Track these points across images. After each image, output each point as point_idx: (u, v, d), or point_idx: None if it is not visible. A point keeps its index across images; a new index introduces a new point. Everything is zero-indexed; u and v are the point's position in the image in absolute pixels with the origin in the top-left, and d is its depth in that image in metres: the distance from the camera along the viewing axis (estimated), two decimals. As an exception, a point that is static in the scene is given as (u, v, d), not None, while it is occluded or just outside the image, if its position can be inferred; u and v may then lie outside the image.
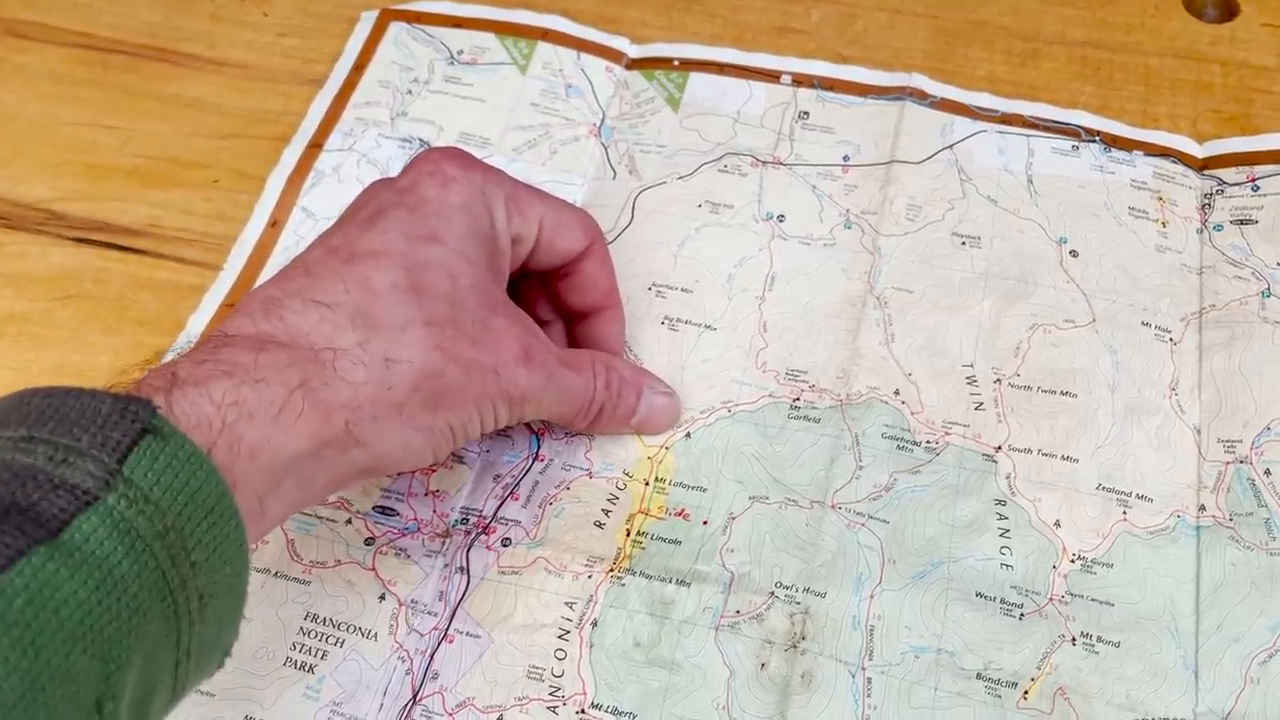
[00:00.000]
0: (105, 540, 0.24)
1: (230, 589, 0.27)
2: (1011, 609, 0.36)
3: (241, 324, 0.31)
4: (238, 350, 0.29)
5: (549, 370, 0.35)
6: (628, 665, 0.36)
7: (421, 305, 0.33)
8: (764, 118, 0.49)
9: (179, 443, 0.26)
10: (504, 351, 0.34)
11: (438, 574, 0.38)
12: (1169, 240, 0.44)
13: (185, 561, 0.25)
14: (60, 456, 0.24)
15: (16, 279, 0.46)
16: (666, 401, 0.40)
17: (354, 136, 0.49)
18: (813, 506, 0.39)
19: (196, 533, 0.26)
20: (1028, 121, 0.48)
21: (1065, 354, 0.41)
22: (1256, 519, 0.37)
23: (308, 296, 0.32)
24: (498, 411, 0.34)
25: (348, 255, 0.33)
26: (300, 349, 0.30)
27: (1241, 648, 0.35)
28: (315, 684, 0.36)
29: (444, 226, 0.34)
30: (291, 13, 0.55)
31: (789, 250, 0.45)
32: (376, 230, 0.34)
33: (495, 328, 0.34)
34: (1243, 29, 0.51)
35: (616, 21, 0.53)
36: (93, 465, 0.24)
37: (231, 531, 0.27)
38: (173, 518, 0.25)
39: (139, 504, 0.24)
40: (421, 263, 0.33)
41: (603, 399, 0.38)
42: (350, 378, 0.31)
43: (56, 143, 0.51)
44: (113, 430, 0.25)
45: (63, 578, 0.23)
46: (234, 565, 0.27)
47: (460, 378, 0.33)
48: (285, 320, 0.31)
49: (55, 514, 0.23)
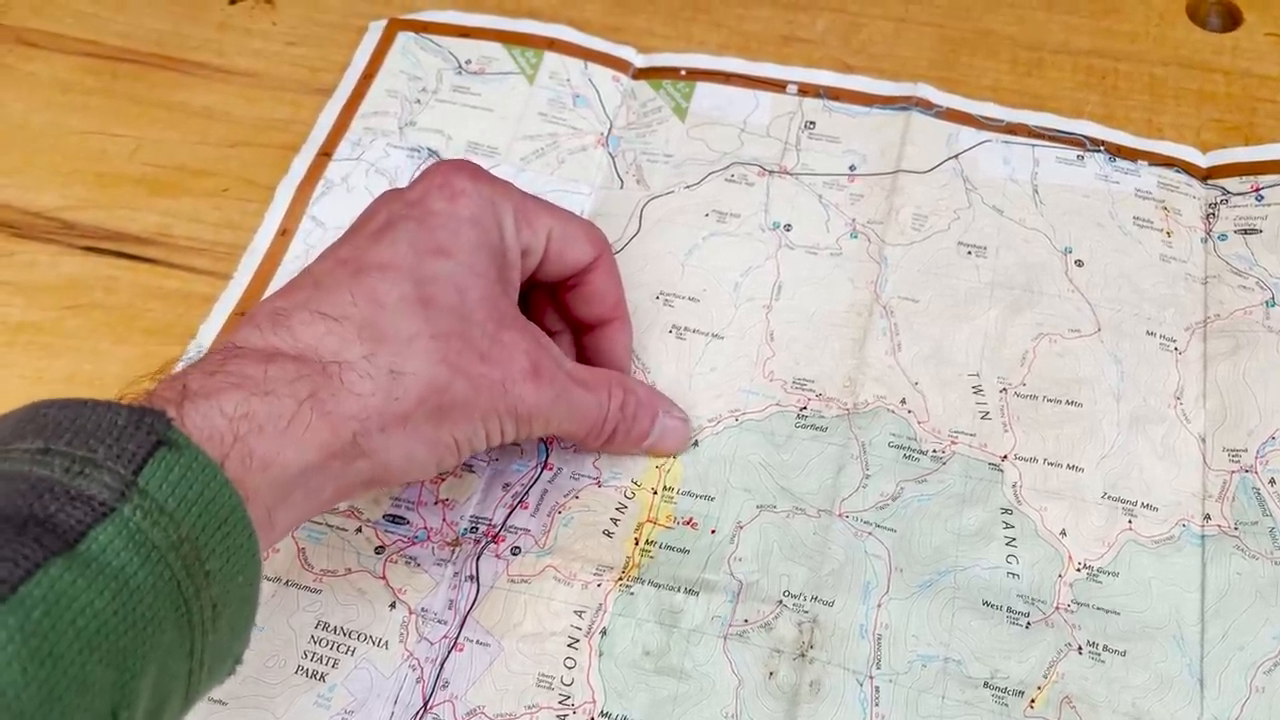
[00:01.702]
0: (121, 551, 0.24)
1: (242, 598, 0.28)
2: (1018, 617, 0.37)
3: (250, 336, 0.31)
4: (247, 362, 0.30)
5: (559, 387, 0.35)
6: (637, 674, 0.36)
7: (429, 318, 0.33)
8: (770, 127, 0.49)
9: (193, 455, 0.26)
10: (512, 366, 0.34)
11: (448, 582, 0.38)
12: (1174, 250, 0.44)
13: (199, 572, 0.26)
14: (76, 469, 0.24)
15: (27, 288, 0.47)
16: (679, 425, 0.40)
17: (363, 146, 0.49)
18: (820, 515, 0.39)
19: (210, 543, 0.26)
20: (1033, 131, 0.48)
21: (1070, 363, 0.42)
22: (1261, 528, 0.38)
23: (315, 309, 0.32)
24: (504, 426, 0.34)
25: (356, 268, 0.33)
26: (308, 361, 0.30)
27: (1247, 656, 0.35)
28: (326, 692, 0.36)
29: (453, 239, 0.34)
30: (300, 22, 0.55)
31: (796, 259, 0.45)
32: (385, 243, 0.34)
33: (504, 342, 0.34)
34: (1246, 38, 0.52)
35: (623, 31, 0.53)
36: (108, 477, 0.24)
37: (244, 542, 0.27)
38: (187, 529, 0.25)
39: (154, 515, 0.25)
40: (429, 276, 0.33)
41: (616, 420, 0.38)
42: (357, 390, 0.31)
43: (66, 151, 0.51)
44: (128, 442, 0.25)
45: (79, 588, 0.23)
46: (246, 575, 0.27)
47: (467, 391, 0.33)
48: (293, 332, 0.31)
49: (72, 525, 0.24)
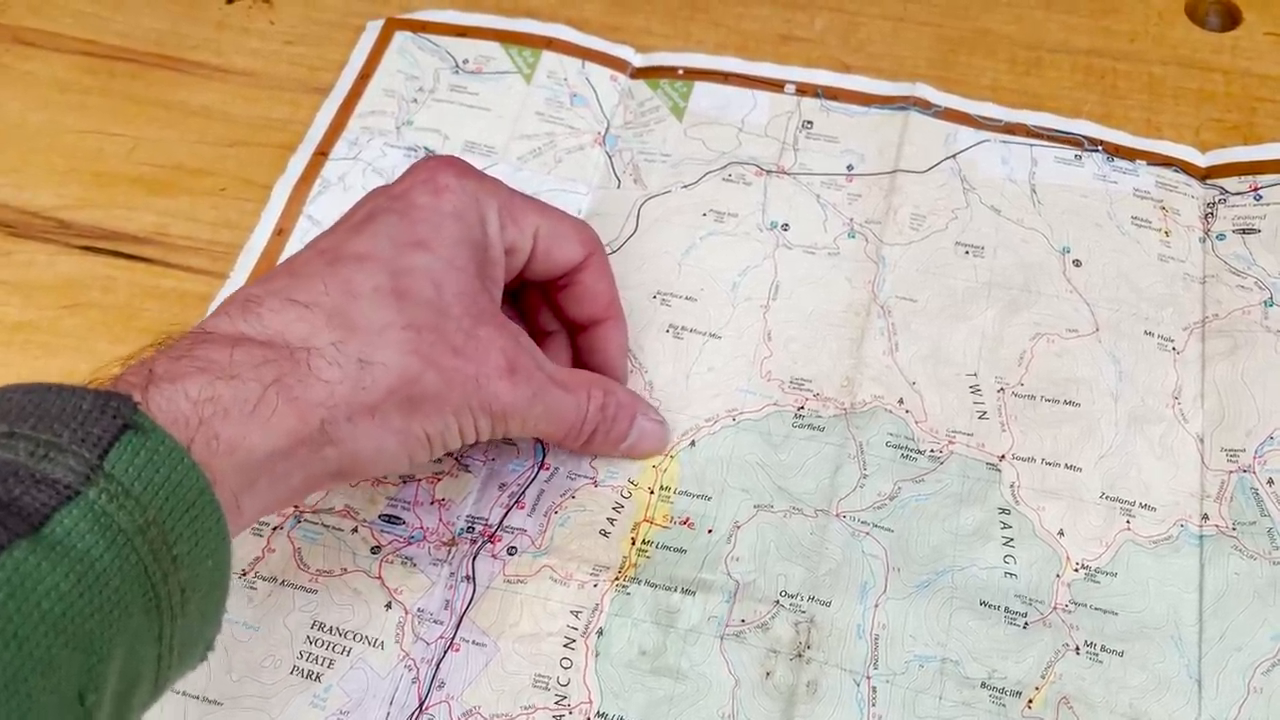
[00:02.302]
0: (86, 534, 0.24)
1: (212, 583, 0.27)
2: (1015, 618, 0.37)
3: (220, 322, 0.31)
4: (213, 347, 0.30)
5: (535, 386, 0.35)
6: (633, 674, 0.36)
7: (403, 310, 0.33)
8: (768, 127, 0.49)
9: (160, 438, 0.26)
10: (487, 362, 0.34)
11: (444, 582, 0.38)
12: (1172, 250, 0.44)
13: (167, 556, 0.25)
14: (41, 452, 0.24)
15: (24, 287, 0.46)
16: (656, 428, 0.40)
17: (360, 145, 0.49)
18: (817, 515, 0.39)
19: (178, 527, 0.26)
20: (1031, 131, 0.48)
21: (1068, 363, 0.42)
22: (1259, 528, 0.38)
23: (287, 296, 0.32)
24: (478, 423, 0.34)
25: (333, 257, 0.33)
26: (275, 347, 0.30)
27: (1245, 657, 0.35)
28: (322, 692, 0.36)
29: (433, 233, 0.34)
30: (297, 21, 0.55)
31: (793, 259, 0.45)
32: (365, 234, 0.34)
33: (480, 337, 0.34)
34: (1245, 38, 0.52)
35: (621, 30, 0.53)
36: (74, 460, 0.24)
37: (213, 525, 0.27)
38: (154, 512, 0.25)
39: (120, 499, 0.25)
40: (406, 268, 0.33)
41: (595, 422, 0.38)
42: (325, 376, 0.31)
43: (63, 150, 0.51)
44: (93, 426, 0.25)
45: (44, 571, 0.23)
46: (215, 559, 0.27)
47: (438, 384, 0.33)
48: (262, 318, 0.31)
49: (36, 508, 0.24)
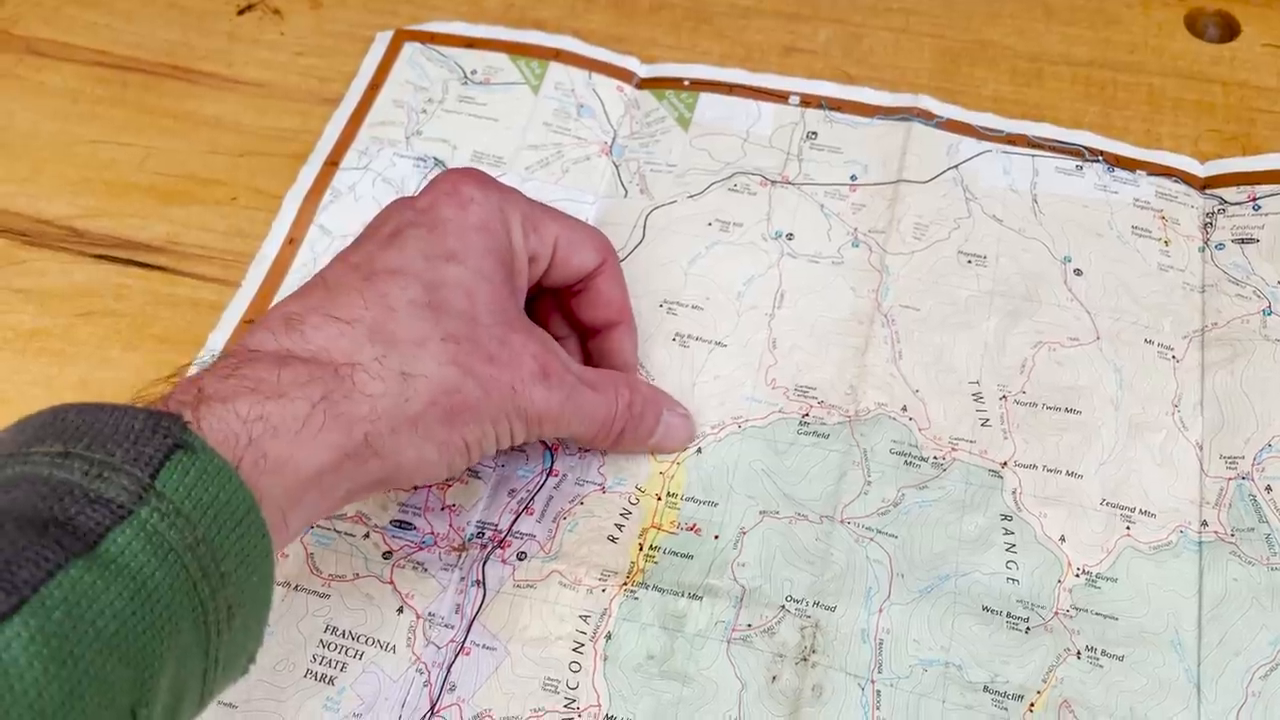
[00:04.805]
0: (139, 553, 0.25)
1: (256, 599, 0.28)
2: (1017, 623, 0.37)
3: (263, 339, 0.32)
4: (261, 366, 0.30)
5: (567, 389, 0.36)
6: (641, 678, 0.37)
7: (439, 322, 0.33)
8: (773, 138, 0.49)
9: (209, 458, 0.27)
10: (521, 369, 0.35)
11: (454, 587, 0.39)
12: (1171, 259, 0.45)
13: (215, 572, 0.26)
14: (95, 472, 0.25)
15: (39, 295, 0.47)
16: (682, 422, 0.41)
17: (369, 155, 0.50)
18: (822, 521, 0.39)
19: (226, 544, 0.26)
20: (1032, 141, 0.48)
21: (1070, 371, 0.42)
22: (1258, 534, 0.38)
23: (327, 312, 0.32)
24: (514, 428, 0.35)
25: (367, 272, 0.34)
26: (321, 364, 0.31)
27: (1243, 662, 0.36)
28: (335, 696, 0.37)
29: (462, 246, 0.35)
30: (308, 32, 0.56)
31: (798, 268, 0.46)
32: (395, 249, 0.35)
33: (513, 345, 0.35)
34: (1244, 49, 0.52)
35: (627, 41, 0.54)
36: (127, 480, 0.25)
37: (258, 543, 0.28)
38: (203, 530, 0.26)
39: (171, 517, 0.25)
40: (439, 281, 0.34)
41: (625, 419, 0.39)
42: (368, 391, 0.31)
43: (76, 160, 0.51)
44: (145, 445, 0.26)
45: (99, 589, 0.24)
46: (260, 576, 0.28)
47: (477, 393, 0.33)
48: (305, 336, 0.32)
49: (91, 527, 0.24)
